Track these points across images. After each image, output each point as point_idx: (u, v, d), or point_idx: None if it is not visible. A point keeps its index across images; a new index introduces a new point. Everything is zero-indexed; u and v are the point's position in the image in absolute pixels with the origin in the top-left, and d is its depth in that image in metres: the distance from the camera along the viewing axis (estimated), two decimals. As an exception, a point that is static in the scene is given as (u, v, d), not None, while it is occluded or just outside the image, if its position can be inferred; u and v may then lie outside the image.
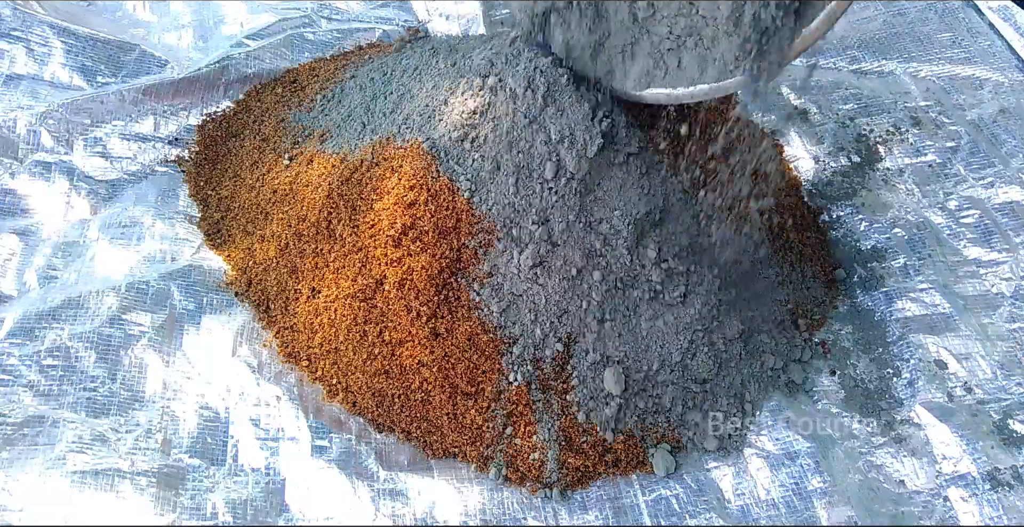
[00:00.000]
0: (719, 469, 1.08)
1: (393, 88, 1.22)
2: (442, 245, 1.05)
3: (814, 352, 1.19)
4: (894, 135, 1.43)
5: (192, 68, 1.44)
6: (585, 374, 1.06)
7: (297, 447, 1.05)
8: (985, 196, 1.34)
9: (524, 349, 1.05)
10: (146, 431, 1.03)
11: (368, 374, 1.08)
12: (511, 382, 1.05)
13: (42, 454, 0.99)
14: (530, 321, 1.06)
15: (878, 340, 1.21)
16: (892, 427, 1.11)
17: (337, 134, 1.23)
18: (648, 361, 1.08)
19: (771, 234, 1.23)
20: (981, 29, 1.55)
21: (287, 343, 1.13)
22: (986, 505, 1.05)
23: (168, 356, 1.10)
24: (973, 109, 1.45)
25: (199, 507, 0.99)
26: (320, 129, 1.27)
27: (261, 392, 1.10)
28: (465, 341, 1.05)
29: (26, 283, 1.15)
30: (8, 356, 1.06)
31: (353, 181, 1.12)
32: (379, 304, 1.07)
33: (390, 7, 1.64)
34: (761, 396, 1.13)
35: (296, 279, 1.15)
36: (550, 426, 1.05)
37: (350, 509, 1.01)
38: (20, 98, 1.34)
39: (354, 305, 1.08)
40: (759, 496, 1.06)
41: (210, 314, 1.16)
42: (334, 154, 1.18)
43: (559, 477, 1.04)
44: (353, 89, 1.30)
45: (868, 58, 1.55)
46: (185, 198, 1.30)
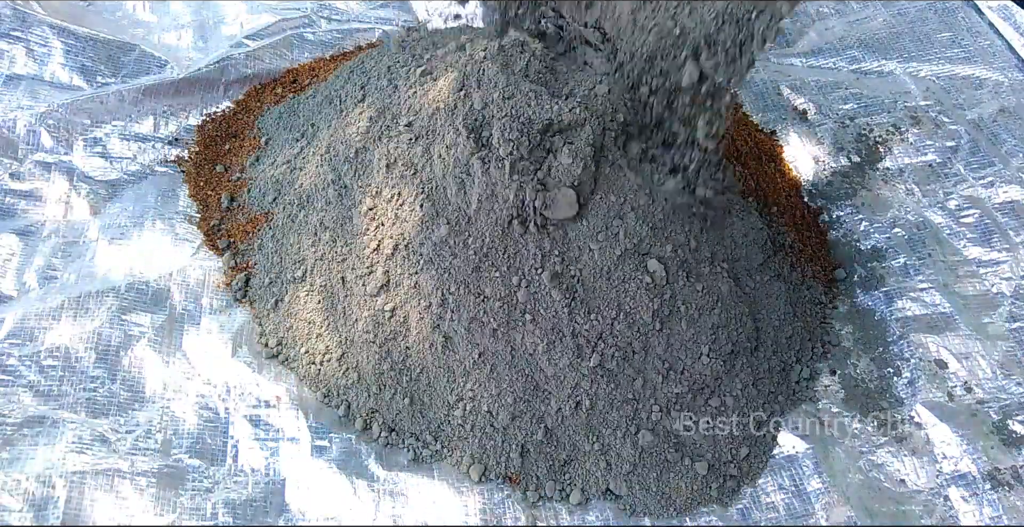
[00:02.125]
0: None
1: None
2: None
3: (815, 352, 1.19)
4: (894, 135, 1.43)
5: (192, 68, 1.44)
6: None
7: (297, 447, 1.05)
8: (985, 196, 1.34)
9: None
10: (146, 431, 1.03)
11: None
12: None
13: (42, 454, 0.99)
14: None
15: (878, 340, 1.21)
16: (893, 426, 1.11)
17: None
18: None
19: (771, 236, 1.24)
20: (981, 29, 1.55)
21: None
22: (986, 505, 1.05)
23: (168, 356, 1.10)
24: (973, 108, 1.45)
25: (199, 507, 0.99)
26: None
27: (261, 392, 1.10)
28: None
29: (26, 283, 1.15)
30: (8, 356, 1.06)
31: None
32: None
33: (390, 7, 1.63)
34: (774, 400, 1.13)
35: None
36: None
37: (350, 509, 1.01)
38: (20, 98, 1.34)
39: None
40: (759, 500, 1.06)
41: (210, 314, 1.16)
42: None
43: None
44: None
45: (868, 58, 1.55)
46: (185, 198, 1.30)
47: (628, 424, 1.06)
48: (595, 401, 1.06)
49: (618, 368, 1.06)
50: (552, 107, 1.03)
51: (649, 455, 1.06)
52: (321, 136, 1.25)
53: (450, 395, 1.07)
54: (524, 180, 1.02)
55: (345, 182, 1.16)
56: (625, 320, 1.06)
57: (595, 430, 1.06)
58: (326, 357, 1.12)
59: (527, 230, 1.04)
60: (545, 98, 1.04)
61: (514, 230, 1.04)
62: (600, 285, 1.06)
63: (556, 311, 1.05)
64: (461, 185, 1.05)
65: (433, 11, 1.61)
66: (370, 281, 1.10)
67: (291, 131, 1.33)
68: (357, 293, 1.11)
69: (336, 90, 1.30)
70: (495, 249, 1.05)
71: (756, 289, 1.17)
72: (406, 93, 1.14)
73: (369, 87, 1.24)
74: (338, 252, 1.14)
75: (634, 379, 1.07)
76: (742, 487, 1.07)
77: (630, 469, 1.05)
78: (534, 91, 1.04)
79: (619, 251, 1.05)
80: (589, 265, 1.06)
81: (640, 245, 1.06)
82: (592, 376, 1.06)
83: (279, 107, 1.39)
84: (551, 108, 1.03)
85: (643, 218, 1.07)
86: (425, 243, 1.06)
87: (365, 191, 1.14)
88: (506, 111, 1.03)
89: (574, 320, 1.05)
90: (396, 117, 1.14)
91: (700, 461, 1.06)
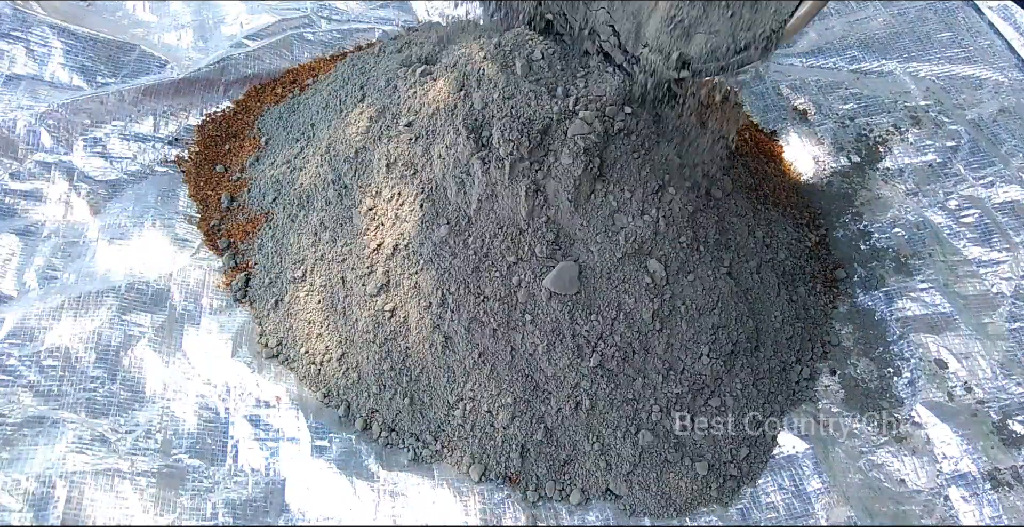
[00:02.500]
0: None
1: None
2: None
3: (815, 352, 1.19)
4: (894, 135, 1.43)
5: (192, 68, 1.44)
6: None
7: (297, 447, 1.05)
8: (985, 195, 1.34)
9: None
10: (146, 431, 1.03)
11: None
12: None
13: (42, 454, 0.99)
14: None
15: (878, 340, 1.21)
16: (893, 426, 1.12)
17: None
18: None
19: (771, 235, 1.24)
20: (981, 28, 1.55)
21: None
22: (986, 505, 1.05)
23: (168, 357, 1.10)
24: (973, 108, 1.45)
25: (199, 507, 0.99)
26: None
27: (261, 392, 1.10)
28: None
29: (26, 283, 1.15)
30: (8, 356, 1.06)
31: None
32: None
33: (390, 7, 1.63)
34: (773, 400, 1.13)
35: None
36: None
37: (350, 509, 1.01)
38: (20, 98, 1.34)
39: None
40: (759, 500, 1.06)
41: (209, 315, 1.16)
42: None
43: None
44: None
45: (868, 58, 1.54)
46: (185, 198, 1.30)
47: (628, 424, 1.06)
48: (595, 401, 1.06)
49: (618, 368, 1.06)
50: (552, 107, 1.03)
51: (649, 455, 1.06)
52: (321, 136, 1.25)
53: (450, 395, 1.07)
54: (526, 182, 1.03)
55: (345, 182, 1.16)
56: (625, 320, 1.06)
57: (595, 430, 1.06)
58: (326, 357, 1.12)
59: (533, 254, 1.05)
60: (545, 98, 1.04)
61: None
62: (600, 285, 1.06)
63: (556, 311, 1.05)
64: (461, 185, 1.05)
65: (433, 11, 1.60)
66: (370, 281, 1.10)
67: (291, 131, 1.33)
68: (357, 293, 1.11)
69: (336, 90, 1.30)
70: (495, 249, 1.05)
71: (756, 289, 1.17)
72: (406, 93, 1.14)
73: (368, 87, 1.24)
74: (338, 252, 1.14)
75: (634, 379, 1.07)
76: (742, 487, 1.07)
77: (630, 469, 1.05)
78: (534, 91, 1.04)
79: (620, 253, 1.05)
80: (589, 265, 1.06)
81: (641, 246, 1.06)
82: (592, 376, 1.06)
83: (279, 107, 1.39)
84: (551, 108, 1.03)
85: (643, 219, 1.07)
86: (425, 243, 1.06)
87: (365, 191, 1.14)
88: (506, 111, 1.03)
89: (574, 321, 1.05)
90: (396, 117, 1.14)
91: (700, 461, 1.06)
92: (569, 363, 1.05)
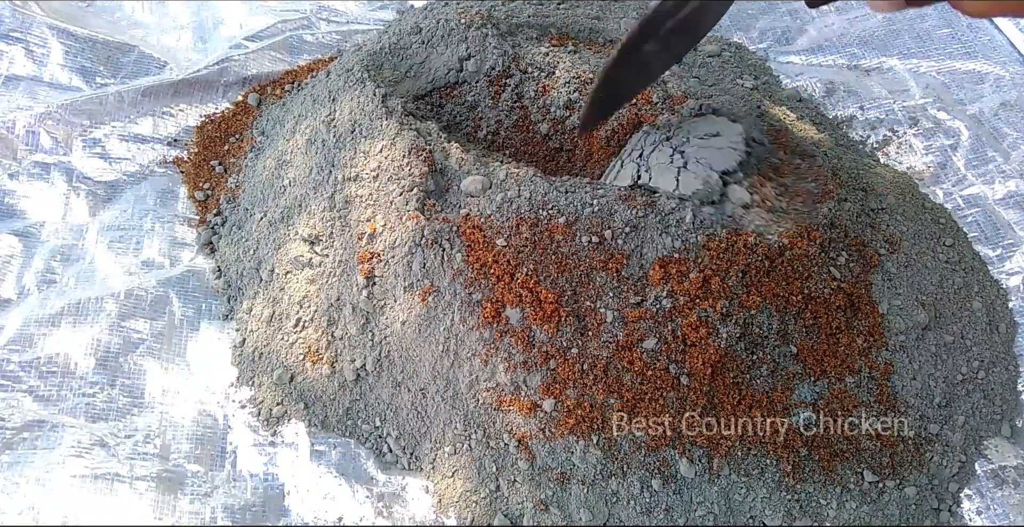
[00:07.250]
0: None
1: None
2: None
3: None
4: (894, 135, 1.42)
5: (191, 69, 1.44)
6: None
7: (295, 452, 1.05)
8: (987, 191, 1.33)
9: None
10: (145, 436, 1.03)
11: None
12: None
13: (41, 458, 0.99)
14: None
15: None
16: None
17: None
18: None
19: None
20: (980, 24, 1.54)
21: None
22: (989, 504, 1.05)
23: (167, 362, 1.11)
24: (974, 103, 1.44)
25: (198, 512, 0.99)
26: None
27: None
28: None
29: (25, 286, 1.15)
30: (7, 362, 1.07)
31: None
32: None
33: (389, 9, 1.64)
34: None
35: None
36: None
37: (349, 513, 1.01)
38: (19, 99, 1.34)
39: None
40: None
41: (208, 320, 1.16)
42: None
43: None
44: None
45: (867, 55, 1.54)
46: (184, 200, 1.30)
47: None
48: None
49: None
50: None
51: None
52: (303, 130, 1.25)
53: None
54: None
55: (329, 178, 1.16)
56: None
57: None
58: (320, 360, 1.11)
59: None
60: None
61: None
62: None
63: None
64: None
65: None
66: (360, 281, 1.09)
67: (283, 128, 1.32)
68: (350, 294, 1.10)
69: (322, 87, 1.29)
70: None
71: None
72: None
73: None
74: (327, 250, 1.14)
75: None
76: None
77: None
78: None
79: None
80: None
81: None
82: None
83: (274, 106, 1.39)
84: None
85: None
86: (418, 241, 1.06)
87: (352, 187, 1.13)
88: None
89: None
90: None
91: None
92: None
